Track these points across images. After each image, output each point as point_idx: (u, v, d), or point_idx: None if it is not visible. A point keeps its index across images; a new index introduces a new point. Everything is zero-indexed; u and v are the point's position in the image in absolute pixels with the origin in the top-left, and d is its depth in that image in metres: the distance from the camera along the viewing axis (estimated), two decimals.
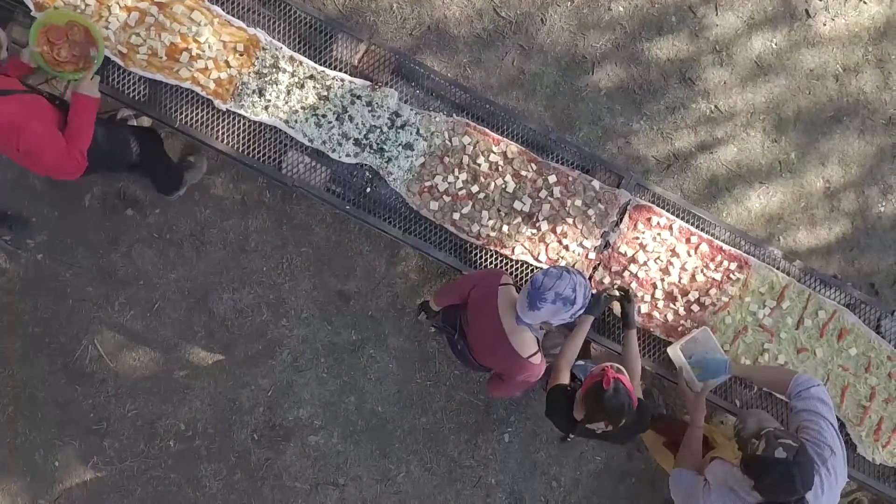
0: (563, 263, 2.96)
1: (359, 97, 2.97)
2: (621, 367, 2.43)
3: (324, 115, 2.96)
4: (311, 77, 2.96)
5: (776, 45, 4.01)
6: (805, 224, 4.00)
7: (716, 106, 3.99)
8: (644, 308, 2.97)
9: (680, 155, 3.97)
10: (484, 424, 3.86)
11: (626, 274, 2.97)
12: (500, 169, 2.98)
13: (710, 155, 3.98)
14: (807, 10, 4.01)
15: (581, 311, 2.44)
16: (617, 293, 2.81)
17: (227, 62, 2.96)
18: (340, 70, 3.00)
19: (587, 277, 2.98)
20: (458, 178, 2.96)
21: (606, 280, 2.97)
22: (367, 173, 2.99)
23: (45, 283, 3.77)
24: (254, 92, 2.95)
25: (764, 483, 2.27)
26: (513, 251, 2.96)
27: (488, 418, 3.85)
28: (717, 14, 3.99)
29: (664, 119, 3.97)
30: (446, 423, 3.85)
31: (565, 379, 2.65)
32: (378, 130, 2.97)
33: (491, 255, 2.99)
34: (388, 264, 3.85)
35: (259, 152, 2.98)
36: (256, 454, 3.79)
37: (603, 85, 3.96)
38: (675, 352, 2.84)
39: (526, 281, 2.97)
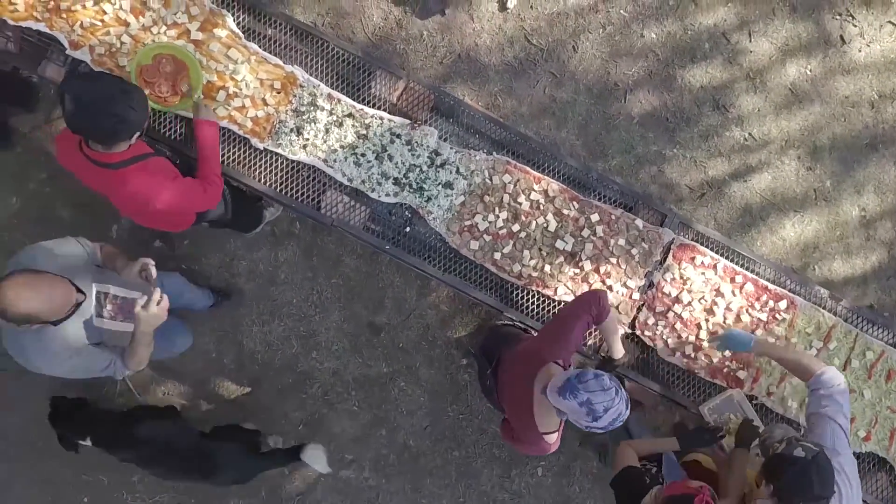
0: None
1: (398, 136, 2.93)
2: (716, 495, 2.33)
3: (363, 154, 2.92)
4: (350, 115, 2.92)
5: (811, 71, 3.96)
6: (840, 253, 3.95)
7: (750, 133, 3.94)
8: (688, 350, 2.92)
9: (713, 183, 3.92)
10: (517, 458, 3.81)
11: (671, 314, 2.92)
12: (541, 207, 2.93)
13: (744, 183, 3.93)
14: (841, 37, 3.96)
15: (598, 431, 2.27)
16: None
17: (264, 100, 2.91)
18: (379, 108, 2.96)
19: (629, 329, 2.93)
20: (498, 216, 2.92)
21: (651, 321, 2.91)
22: (407, 212, 2.95)
23: None
24: (291, 130, 2.91)
25: (781, 482, 2.25)
26: (555, 291, 2.91)
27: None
28: (750, 41, 3.94)
29: (697, 147, 3.92)
30: (479, 456, 3.80)
31: (635, 461, 2.58)
32: (417, 169, 2.92)
33: (533, 296, 2.94)
34: (419, 296, 3.81)
35: (297, 192, 2.94)
36: (287, 489, 3.75)
37: (636, 113, 3.91)
38: (703, 412, 2.80)
39: None
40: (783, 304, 2.95)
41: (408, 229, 2.94)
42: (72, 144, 2.39)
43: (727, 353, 2.89)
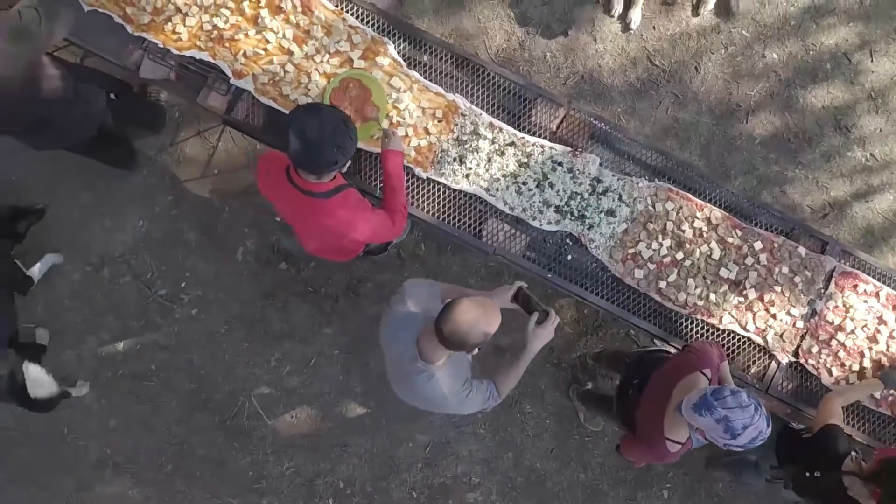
0: (770, 336, 2.89)
1: (560, 164, 2.92)
2: None
3: (524, 183, 2.91)
4: (512, 144, 2.91)
5: None
6: None
7: (871, 154, 3.92)
8: (853, 378, 2.91)
9: (836, 204, 3.91)
10: (643, 480, 3.80)
11: (834, 343, 2.91)
12: (704, 235, 2.92)
13: (866, 204, 3.92)
14: None
15: (737, 450, 2.26)
16: None
17: (426, 129, 2.90)
18: (539, 135, 2.95)
19: (792, 357, 2.91)
20: (662, 244, 2.90)
21: (815, 349, 2.90)
22: (568, 240, 2.94)
23: (200, 339, 3.73)
24: (454, 160, 2.90)
25: None
26: (720, 320, 2.90)
27: (647, 474, 3.79)
28: (872, 60, 3.92)
29: (819, 167, 3.91)
30: (605, 478, 3.79)
31: (840, 420, 2.58)
32: (579, 197, 2.91)
33: (698, 325, 2.93)
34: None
35: (458, 220, 2.93)
36: None
37: (757, 133, 3.90)
38: None
39: (734, 352, 2.94)
40: None
41: (570, 257, 2.93)
42: (278, 173, 2.38)
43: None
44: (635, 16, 3.82)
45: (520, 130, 2.94)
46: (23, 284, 3.43)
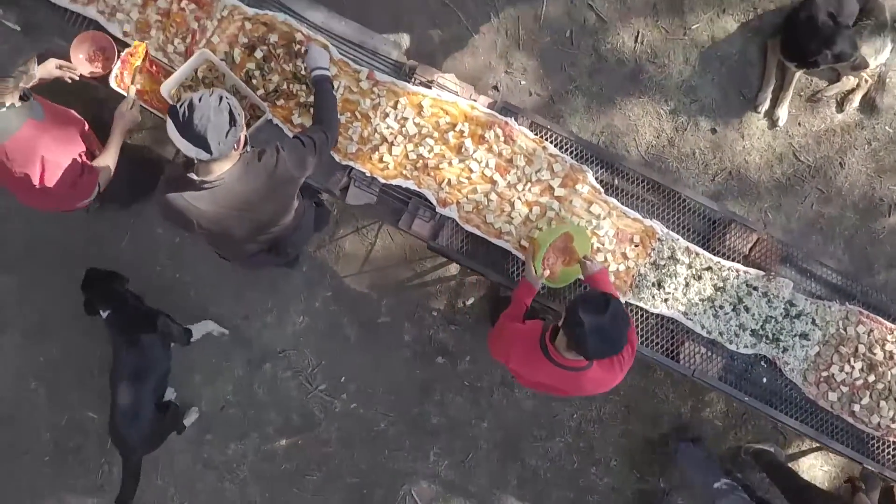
0: None
1: (755, 288, 2.99)
2: None
3: (721, 307, 2.99)
4: (709, 268, 2.99)
5: None
6: None
7: None
8: None
9: None
10: None
11: None
12: (895, 358, 2.99)
13: None
14: None
15: None
16: None
17: (624, 254, 2.98)
18: (732, 259, 3.02)
19: None
20: (853, 367, 2.98)
21: None
22: (763, 363, 3.01)
23: (360, 433, 3.80)
24: (653, 284, 2.97)
25: None
26: None
27: None
28: None
29: None
30: None
31: None
32: (773, 320, 2.99)
33: (891, 447, 3.01)
34: (693, 410, 3.87)
35: (654, 342, 3.01)
36: None
37: None
38: None
39: None
40: None
41: (765, 380, 3.01)
42: (533, 348, 2.45)
43: None
44: (782, 113, 3.90)
45: (713, 254, 3.01)
46: (180, 337, 3.46)
